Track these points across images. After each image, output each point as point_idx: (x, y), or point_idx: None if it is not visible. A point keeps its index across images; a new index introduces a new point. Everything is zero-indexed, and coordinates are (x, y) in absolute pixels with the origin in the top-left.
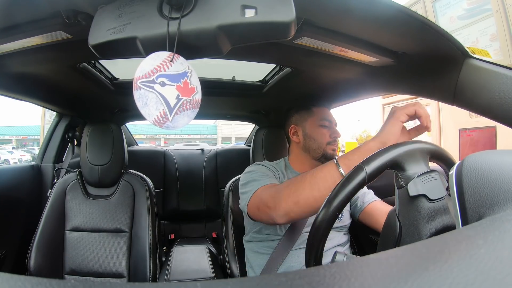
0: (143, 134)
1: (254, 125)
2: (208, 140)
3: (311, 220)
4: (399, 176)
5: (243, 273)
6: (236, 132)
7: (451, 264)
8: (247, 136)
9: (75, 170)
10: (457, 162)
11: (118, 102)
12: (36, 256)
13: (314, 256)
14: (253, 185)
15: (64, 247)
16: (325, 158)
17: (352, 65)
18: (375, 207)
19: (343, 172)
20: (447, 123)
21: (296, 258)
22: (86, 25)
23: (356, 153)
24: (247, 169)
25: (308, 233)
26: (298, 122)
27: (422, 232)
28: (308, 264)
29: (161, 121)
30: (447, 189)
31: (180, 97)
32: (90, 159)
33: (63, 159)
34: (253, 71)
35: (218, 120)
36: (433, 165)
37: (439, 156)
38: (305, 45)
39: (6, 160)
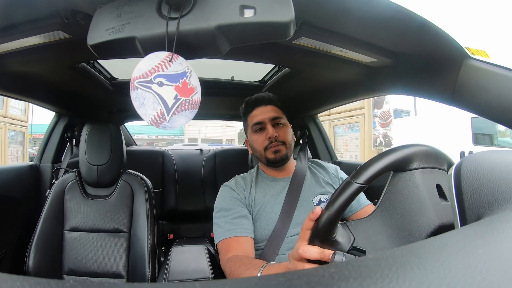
0: None
1: (222, 127)
2: (175, 140)
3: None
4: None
5: None
6: (202, 134)
7: (449, 264)
8: (213, 138)
9: (73, 170)
10: (456, 162)
11: (117, 102)
12: (34, 256)
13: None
14: (216, 231)
15: (63, 247)
16: (271, 163)
17: (351, 66)
18: (368, 212)
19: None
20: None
21: (283, 261)
22: (85, 25)
23: (280, 266)
24: (218, 194)
25: (291, 237)
26: (246, 135)
27: None
28: None
29: (158, 121)
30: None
31: (178, 97)
32: (89, 159)
33: (62, 159)
34: (252, 71)
35: None
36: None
37: (436, 157)
38: (304, 46)
39: None
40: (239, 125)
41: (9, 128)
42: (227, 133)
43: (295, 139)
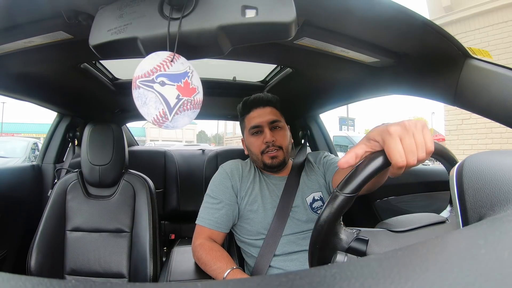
0: None
1: (181, 130)
2: (137, 141)
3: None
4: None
5: None
6: (163, 136)
7: (451, 265)
8: (173, 140)
9: (75, 170)
10: (459, 161)
11: (119, 102)
12: (36, 256)
13: (317, 256)
14: (200, 212)
15: (65, 247)
16: (268, 167)
17: (353, 66)
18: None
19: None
20: None
21: (283, 262)
22: (87, 26)
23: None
24: (215, 174)
25: (286, 236)
26: (243, 135)
27: None
28: (311, 264)
29: (161, 121)
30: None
31: (180, 97)
32: (91, 159)
33: (64, 159)
34: (254, 72)
35: (146, 123)
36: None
37: (441, 154)
38: (305, 46)
39: None
40: (198, 127)
41: None
42: (186, 135)
43: (292, 141)
